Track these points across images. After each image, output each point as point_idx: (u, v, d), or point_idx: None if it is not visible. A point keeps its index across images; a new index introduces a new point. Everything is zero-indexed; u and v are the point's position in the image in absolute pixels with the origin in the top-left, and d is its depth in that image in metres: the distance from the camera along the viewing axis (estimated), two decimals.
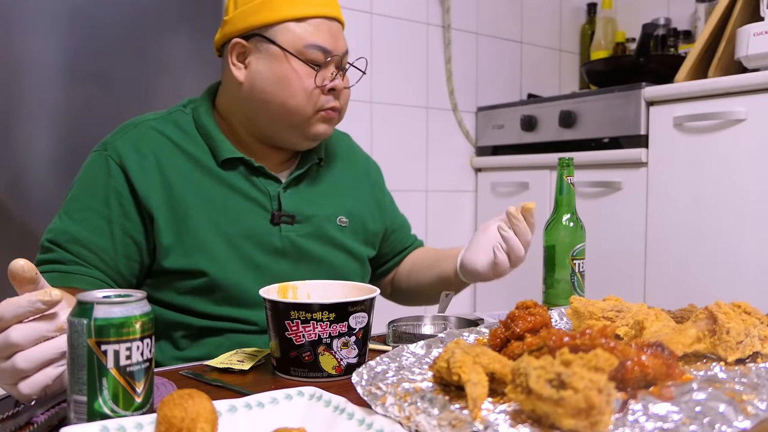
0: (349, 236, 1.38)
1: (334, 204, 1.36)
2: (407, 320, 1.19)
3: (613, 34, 3.11)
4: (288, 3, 1.23)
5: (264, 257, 1.26)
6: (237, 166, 1.27)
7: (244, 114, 1.29)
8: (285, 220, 1.28)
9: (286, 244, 1.28)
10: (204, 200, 1.23)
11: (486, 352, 0.70)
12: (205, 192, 1.24)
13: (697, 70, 2.29)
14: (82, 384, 0.68)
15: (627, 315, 0.91)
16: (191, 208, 1.22)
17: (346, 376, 0.92)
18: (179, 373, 0.96)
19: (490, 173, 2.91)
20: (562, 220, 1.30)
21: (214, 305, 1.23)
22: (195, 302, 1.22)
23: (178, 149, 1.25)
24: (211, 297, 1.22)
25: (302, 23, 1.23)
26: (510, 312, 0.83)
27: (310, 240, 1.31)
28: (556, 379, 0.58)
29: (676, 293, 2.19)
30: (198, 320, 1.23)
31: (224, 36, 1.28)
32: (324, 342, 0.91)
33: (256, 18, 1.23)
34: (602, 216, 2.41)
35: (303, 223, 1.31)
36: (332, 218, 1.35)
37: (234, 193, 1.26)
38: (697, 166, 2.15)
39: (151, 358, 0.71)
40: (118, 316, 0.68)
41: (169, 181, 1.22)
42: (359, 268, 1.41)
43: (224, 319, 1.23)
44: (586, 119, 2.50)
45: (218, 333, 1.24)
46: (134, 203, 1.19)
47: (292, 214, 1.29)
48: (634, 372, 0.66)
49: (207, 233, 1.22)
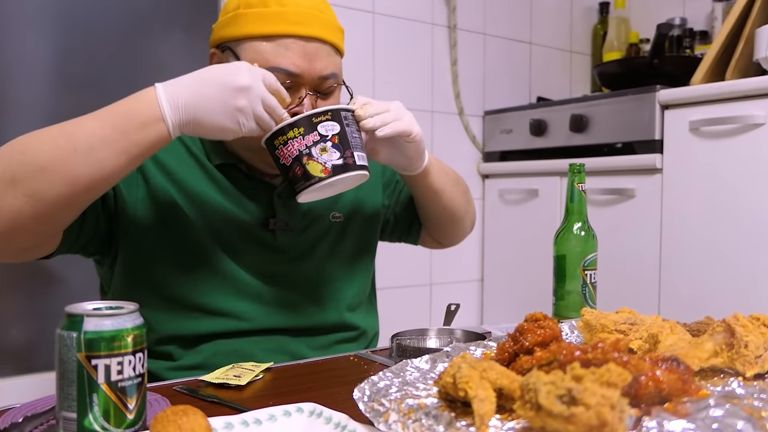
0: (344, 229, 1.40)
1: (328, 202, 1.37)
2: (411, 333, 1.19)
3: (627, 34, 3.12)
4: (257, 19, 1.20)
5: (258, 255, 1.29)
6: (230, 172, 1.29)
7: None
8: (280, 226, 1.30)
9: (281, 248, 1.31)
10: (198, 198, 1.26)
11: (494, 367, 0.70)
12: (201, 190, 1.26)
13: (714, 73, 2.29)
14: (72, 400, 0.68)
15: (641, 328, 0.91)
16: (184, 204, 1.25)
17: (338, 175, 1.10)
18: (173, 388, 0.96)
19: (498, 180, 2.91)
20: (573, 228, 1.30)
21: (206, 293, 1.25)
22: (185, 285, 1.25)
23: (179, 144, 1.28)
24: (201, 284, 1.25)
25: (270, 42, 1.19)
26: (519, 325, 0.83)
27: (305, 242, 1.34)
28: (567, 394, 0.58)
29: (692, 305, 2.19)
30: (191, 320, 1.24)
31: (210, 43, 1.29)
32: (304, 153, 1.10)
33: (227, 31, 1.23)
34: (615, 224, 2.41)
35: (299, 228, 1.33)
36: (326, 215, 1.37)
37: (227, 196, 1.28)
38: (714, 172, 2.15)
39: (143, 373, 0.71)
40: (109, 329, 0.69)
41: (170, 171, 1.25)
42: (362, 256, 1.43)
43: (218, 313, 1.25)
44: (598, 123, 2.50)
45: (211, 338, 1.25)
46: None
47: (287, 221, 1.31)
48: (648, 387, 0.66)
49: (201, 235, 1.25)
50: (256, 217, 1.29)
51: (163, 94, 1.02)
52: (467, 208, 1.52)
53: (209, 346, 1.25)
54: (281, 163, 1.13)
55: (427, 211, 1.48)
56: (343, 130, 1.13)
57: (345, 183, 1.15)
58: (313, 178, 1.10)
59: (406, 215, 1.54)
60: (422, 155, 1.30)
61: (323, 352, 1.32)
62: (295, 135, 1.10)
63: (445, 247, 1.61)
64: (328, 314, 1.35)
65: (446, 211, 1.46)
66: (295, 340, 1.30)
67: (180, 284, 1.24)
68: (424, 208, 1.47)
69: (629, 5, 3.20)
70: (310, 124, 1.11)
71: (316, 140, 1.10)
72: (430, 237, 1.57)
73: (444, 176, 1.41)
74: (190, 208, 1.24)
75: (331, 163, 1.10)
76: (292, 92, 1.20)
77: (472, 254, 2.96)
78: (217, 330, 1.25)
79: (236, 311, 1.26)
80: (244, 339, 1.26)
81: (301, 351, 1.30)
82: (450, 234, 1.55)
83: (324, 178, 1.10)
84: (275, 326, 1.29)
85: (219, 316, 1.25)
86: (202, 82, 1.04)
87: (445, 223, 1.50)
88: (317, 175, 1.10)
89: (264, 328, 1.28)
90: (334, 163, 1.11)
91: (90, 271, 1.35)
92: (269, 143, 1.12)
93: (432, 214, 1.48)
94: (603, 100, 2.49)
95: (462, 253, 2.91)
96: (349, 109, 1.16)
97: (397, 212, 1.54)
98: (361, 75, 2.58)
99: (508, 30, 3.09)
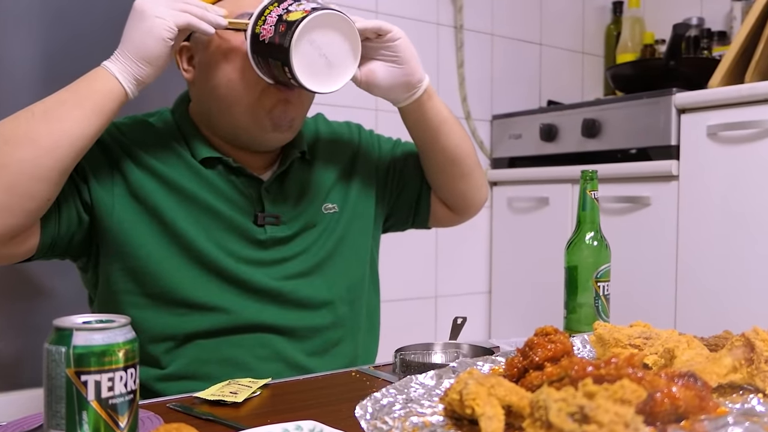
0: (340, 220, 1.41)
1: (321, 193, 1.39)
2: (416, 348, 1.19)
3: (641, 35, 3.12)
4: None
5: (247, 250, 1.30)
6: (216, 166, 1.31)
7: (207, 116, 1.32)
8: (269, 221, 1.32)
9: (271, 243, 1.32)
10: (182, 193, 1.27)
11: (502, 383, 0.70)
12: (184, 185, 1.28)
13: (732, 75, 2.29)
14: (60, 418, 0.68)
15: (656, 342, 0.91)
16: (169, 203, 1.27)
17: (317, 12, 1.14)
18: (166, 405, 0.96)
19: (507, 187, 2.92)
20: (585, 238, 1.30)
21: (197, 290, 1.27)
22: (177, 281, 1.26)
23: (161, 140, 1.30)
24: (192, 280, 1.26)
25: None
26: (528, 339, 0.83)
27: (296, 235, 1.35)
28: (579, 412, 0.58)
29: (710, 318, 2.18)
30: (182, 319, 1.25)
31: None
32: (283, 14, 1.16)
33: None
34: (629, 234, 2.41)
35: (289, 222, 1.34)
36: (318, 207, 1.38)
37: (214, 192, 1.29)
38: (732, 179, 2.15)
39: (135, 389, 0.71)
40: (99, 344, 0.69)
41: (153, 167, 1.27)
42: (359, 249, 1.44)
43: (205, 307, 1.26)
44: (612, 128, 2.50)
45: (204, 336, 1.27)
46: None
47: (277, 215, 1.32)
48: (663, 405, 0.66)
49: (187, 227, 1.26)
50: (245, 212, 1.31)
51: (107, 60, 1.16)
52: (471, 153, 1.50)
53: (198, 348, 1.26)
54: (267, 40, 1.16)
55: (431, 157, 1.47)
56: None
57: (329, 28, 1.18)
58: (295, 22, 1.13)
59: (410, 197, 1.54)
60: (417, 70, 1.34)
61: (319, 358, 1.33)
62: (272, 8, 1.17)
63: (460, 216, 1.59)
64: (320, 312, 1.35)
65: (455, 158, 1.45)
66: (289, 343, 1.31)
67: (166, 280, 1.25)
68: (425, 150, 1.47)
69: (644, 4, 3.20)
70: None
71: (291, 2, 1.17)
72: (439, 202, 1.55)
73: (444, 109, 1.44)
74: (174, 204, 1.26)
75: (310, 6, 1.16)
76: None
77: (479, 265, 2.96)
78: (205, 326, 1.26)
79: (224, 305, 1.27)
80: (235, 337, 1.27)
81: (296, 357, 1.30)
82: (458, 189, 1.52)
83: (304, 18, 1.13)
84: (266, 323, 1.29)
85: (207, 311, 1.26)
86: (123, 32, 1.17)
87: (448, 168, 1.48)
88: (298, 18, 1.14)
89: (254, 324, 1.28)
90: (313, 6, 1.16)
91: (79, 284, 1.36)
92: (252, 33, 1.17)
93: (433, 155, 1.46)
94: (616, 104, 2.50)
95: (469, 263, 2.91)
96: None
97: (400, 197, 1.54)
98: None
99: (517, 30, 3.09)
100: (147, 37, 1.13)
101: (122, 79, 1.14)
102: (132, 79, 1.14)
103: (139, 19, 1.14)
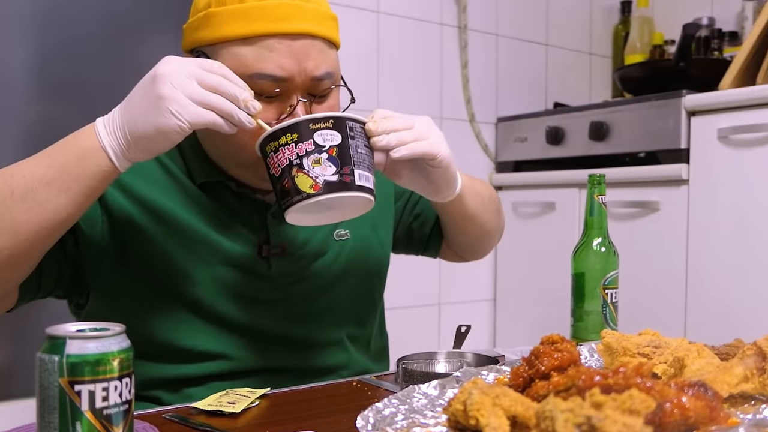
0: (353, 248, 1.33)
1: None
2: (419, 357, 1.19)
3: (650, 35, 3.13)
4: (232, 18, 1.11)
5: (250, 287, 1.23)
6: (216, 190, 1.23)
7: (201, 141, 1.24)
8: (275, 252, 1.23)
9: (276, 278, 1.25)
10: (176, 225, 1.19)
11: (507, 393, 0.70)
12: (180, 215, 1.20)
13: (744, 77, 2.29)
14: (53, 429, 0.68)
15: (665, 351, 0.91)
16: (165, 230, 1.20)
17: (330, 194, 1.00)
18: (162, 416, 0.96)
19: (512, 192, 2.92)
20: (593, 244, 1.30)
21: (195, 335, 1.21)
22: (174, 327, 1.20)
23: (156, 163, 1.22)
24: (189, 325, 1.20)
25: (251, 45, 1.10)
26: (534, 348, 0.83)
27: (305, 268, 1.27)
28: (586, 423, 0.58)
29: (721, 327, 2.18)
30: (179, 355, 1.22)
31: (183, 48, 1.21)
32: (295, 163, 1.00)
33: (198, 34, 1.15)
34: (638, 240, 2.41)
35: (296, 253, 1.26)
36: (329, 235, 1.31)
37: (213, 221, 1.21)
38: (744, 183, 2.15)
39: (130, 399, 0.71)
40: (93, 353, 0.68)
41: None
42: (374, 274, 1.38)
43: (206, 356, 1.21)
44: (620, 131, 2.50)
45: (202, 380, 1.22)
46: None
47: (283, 245, 1.24)
48: (673, 415, 0.66)
49: (181, 266, 1.19)
50: (248, 243, 1.23)
51: (100, 121, 1.01)
52: (499, 225, 1.49)
53: (200, 389, 1.20)
54: (271, 173, 1.03)
55: (455, 236, 1.44)
56: (346, 142, 1.02)
57: (342, 206, 1.05)
58: (301, 194, 1.00)
59: (423, 229, 1.49)
60: (452, 182, 1.20)
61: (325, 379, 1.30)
62: (288, 141, 1.01)
63: (467, 261, 1.58)
64: (331, 350, 1.30)
65: (478, 236, 1.44)
66: (295, 381, 1.21)
67: (161, 328, 1.19)
68: (453, 234, 1.44)
69: (653, 4, 3.21)
70: (305, 130, 1.01)
71: (309, 150, 1.00)
72: (454, 253, 1.53)
73: (477, 199, 1.34)
74: (166, 238, 1.18)
75: (323, 178, 1.00)
76: (282, 100, 1.14)
77: (484, 272, 2.96)
78: (206, 372, 1.21)
79: (226, 352, 1.21)
80: (237, 382, 1.20)
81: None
82: (478, 252, 1.53)
83: (312, 195, 0.99)
84: (270, 366, 1.24)
85: (207, 360, 1.21)
86: (131, 94, 1.01)
87: (474, 245, 1.48)
88: (305, 191, 0.99)
89: (258, 368, 1.23)
90: (327, 179, 1.00)
91: None
92: (262, 149, 1.04)
93: (461, 239, 1.45)
94: (625, 106, 2.50)
95: (473, 270, 2.91)
96: (358, 119, 1.06)
97: (413, 226, 1.49)
98: (365, 79, 2.59)
99: (523, 31, 3.10)
100: (154, 132, 0.97)
101: (118, 164, 1.00)
102: (128, 162, 1.01)
103: (153, 102, 0.97)
